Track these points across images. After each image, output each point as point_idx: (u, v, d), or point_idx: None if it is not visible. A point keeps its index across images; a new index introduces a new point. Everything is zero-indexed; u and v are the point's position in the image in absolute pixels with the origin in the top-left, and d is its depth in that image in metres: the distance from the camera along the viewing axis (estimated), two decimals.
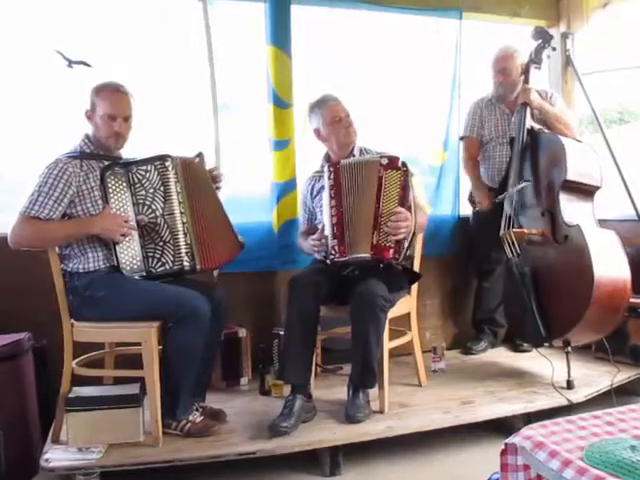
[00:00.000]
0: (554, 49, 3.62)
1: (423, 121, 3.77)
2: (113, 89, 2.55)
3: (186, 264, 2.52)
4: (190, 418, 2.51)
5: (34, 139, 3.29)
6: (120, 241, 2.49)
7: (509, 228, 3.10)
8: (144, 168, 2.53)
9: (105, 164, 2.53)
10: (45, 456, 2.31)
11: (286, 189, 3.37)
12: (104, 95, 2.52)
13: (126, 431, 2.43)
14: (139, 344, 2.45)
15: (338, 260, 2.69)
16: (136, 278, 2.52)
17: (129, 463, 2.30)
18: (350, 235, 2.68)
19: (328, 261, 2.73)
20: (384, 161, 2.67)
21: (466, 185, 3.81)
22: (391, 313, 2.72)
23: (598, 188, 3.09)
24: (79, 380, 2.53)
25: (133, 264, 2.52)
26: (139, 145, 2.74)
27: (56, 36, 3.13)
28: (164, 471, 2.33)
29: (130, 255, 2.52)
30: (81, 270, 2.48)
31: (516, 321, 3.23)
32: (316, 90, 3.11)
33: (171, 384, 2.47)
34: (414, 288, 3.03)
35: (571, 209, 3.00)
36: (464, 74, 3.83)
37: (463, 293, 3.92)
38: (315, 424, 2.62)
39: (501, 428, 2.72)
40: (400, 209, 2.62)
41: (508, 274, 3.17)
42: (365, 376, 2.65)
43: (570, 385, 2.94)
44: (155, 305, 2.45)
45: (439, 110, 3.80)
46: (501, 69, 3.51)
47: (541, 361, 3.13)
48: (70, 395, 2.45)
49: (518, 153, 3.18)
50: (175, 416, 2.49)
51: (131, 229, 2.50)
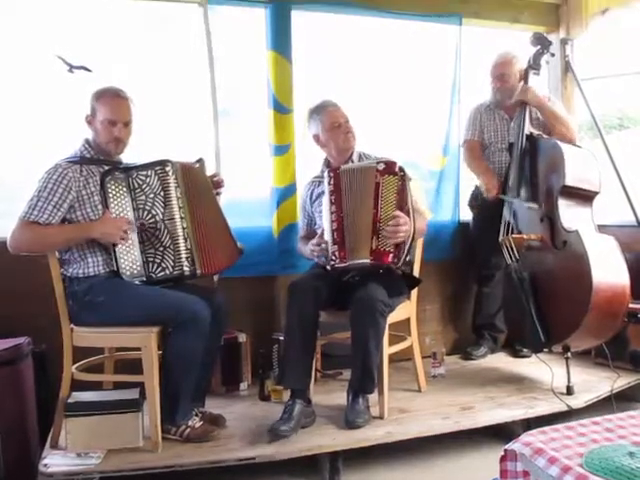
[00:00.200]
0: (553, 55, 3.61)
1: (423, 126, 3.78)
2: (113, 94, 2.55)
3: (186, 269, 2.52)
4: (189, 423, 2.50)
5: (34, 144, 3.29)
6: (121, 243, 2.49)
7: (508, 234, 3.11)
8: (144, 173, 2.53)
9: (105, 169, 2.53)
10: (44, 461, 2.30)
11: (286, 194, 3.38)
12: (104, 100, 2.52)
13: (125, 436, 2.42)
14: (139, 349, 2.44)
15: (339, 266, 2.69)
16: (136, 283, 2.52)
17: (128, 468, 2.29)
18: (350, 241, 2.69)
19: (328, 267, 2.73)
20: (381, 166, 2.68)
21: (466, 190, 3.82)
22: (391, 318, 2.72)
23: (597, 194, 3.10)
24: (78, 385, 2.53)
25: (133, 269, 2.52)
26: (139, 150, 2.74)
27: (57, 41, 3.13)
28: (163, 477, 2.33)
29: (130, 260, 2.52)
30: (81, 275, 2.48)
31: (516, 326, 3.23)
32: (316, 95, 3.12)
33: (171, 389, 2.47)
34: (414, 293, 3.03)
35: (570, 215, 3.00)
36: (464, 80, 3.84)
37: (463, 298, 3.91)
38: (315, 429, 2.62)
39: (501, 434, 2.72)
40: (398, 213, 2.62)
41: (507, 280, 3.17)
42: (365, 381, 2.65)
43: (570, 391, 2.94)
44: (155, 310, 2.45)
45: (439, 116, 3.81)
46: (499, 75, 3.51)
47: (541, 367, 3.13)
48: (69, 400, 2.44)
49: (517, 158, 3.19)
50: (174, 421, 2.49)
51: (131, 234, 2.50)
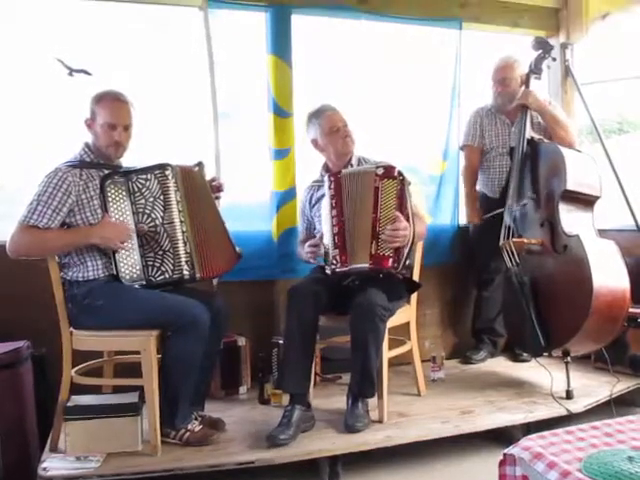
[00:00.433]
0: (554, 59, 3.61)
1: (423, 131, 3.77)
2: (113, 98, 2.55)
3: (186, 273, 2.52)
4: (189, 427, 2.50)
5: (34, 148, 3.29)
6: (123, 248, 2.49)
7: (509, 238, 3.10)
8: (144, 177, 2.53)
9: (105, 173, 2.53)
10: (43, 465, 2.30)
11: (286, 198, 3.38)
12: (104, 104, 2.53)
13: (125, 440, 2.42)
14: (138, 353, 2.44)
15: (340, 270, 2.69)
16: (135, 287, 2.51)
17: (127, 472, 2.29)
18: (351, 245, 2.69)
19: (328, 271, 2.73)
20: (380, 171, 2.68)
21: None
22: (390, 322, 2.72)
23: (598, 198, 3.10)
24: (78, 388, 2.52)
25: (133, 273, 2.52)
26: (139, 154, 2.75)
27: (57, 44, 3.14)
28: None
29: (130, 264, 2.52)
30: (80, 279, 2.48)
31: (515, 331, 3.22)
32: (316, 99, 3.12)
33: (170, 393, 2.47)
34: (414, 297, 3.03)
35: (571, 219, 3.00)
36: (464, 84, 3.84)
37: (462, 302, 3.91)
38: (314, 433, 2.61)
39: (501, 438, 2.72)
40: (397, 216, 2.62)
41: (507, 284, 3.17)
42: (364, 385, 2.65)
43: (569, 395, 2.93)
44: (155, 314, 2.45)
45: (439, 120, 3.80)
46: (501, 79, 3.51)
47: (540, 371, 3.12)
48: (69, 404, 2.44)
49: (518, 163, 3.19)
50: (174, 425, 2.49)
51: (130, 238, 2.50)
